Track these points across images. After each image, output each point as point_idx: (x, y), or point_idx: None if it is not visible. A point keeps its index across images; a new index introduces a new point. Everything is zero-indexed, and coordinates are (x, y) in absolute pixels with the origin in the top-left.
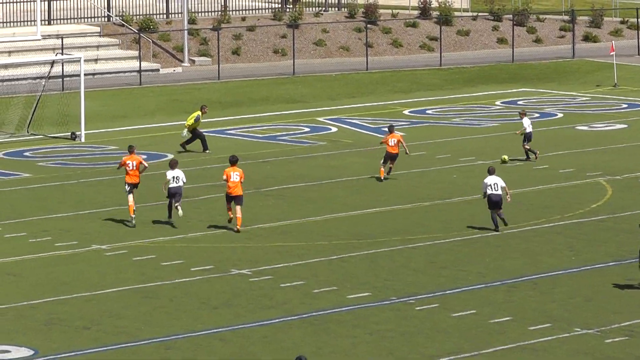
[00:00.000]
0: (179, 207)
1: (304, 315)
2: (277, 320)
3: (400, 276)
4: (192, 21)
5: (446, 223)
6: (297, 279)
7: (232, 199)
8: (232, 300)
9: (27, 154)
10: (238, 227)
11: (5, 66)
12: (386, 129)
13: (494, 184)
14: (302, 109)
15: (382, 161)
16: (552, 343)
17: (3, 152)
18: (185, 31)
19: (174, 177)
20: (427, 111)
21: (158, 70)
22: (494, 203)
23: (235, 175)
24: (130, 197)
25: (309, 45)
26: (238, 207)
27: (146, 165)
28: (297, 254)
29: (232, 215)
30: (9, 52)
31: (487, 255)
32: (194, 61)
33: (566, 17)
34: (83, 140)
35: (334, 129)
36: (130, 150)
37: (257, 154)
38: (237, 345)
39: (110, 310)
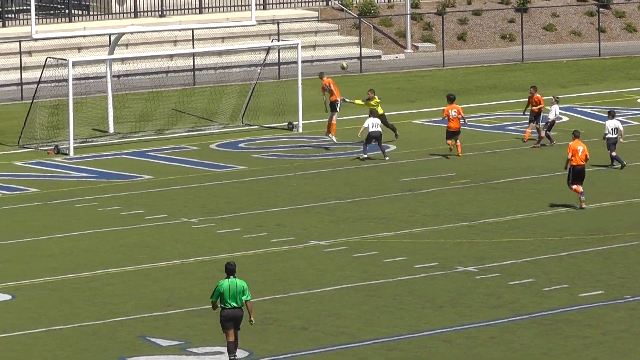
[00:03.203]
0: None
1: (533, 315)
2: (504, 320)
3: (635, 273)
4: (415, 5)
5: None
6: (526, 277)
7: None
8: (457, 299)
9: (241, 145)
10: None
11: (219, 53)
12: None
13: (614, 129)
14: None
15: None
16: None
17: (217, 143)
18: (408, 15)
19: (372, 123)
20: None
21: (379, 57)
22: (610, 144)
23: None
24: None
25: (538, 30)
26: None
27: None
28: (526, 250)
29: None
30: (222, 39)
31: None
32: (417, 47)
33: None
34: (301, 130)
35: (565, 118)
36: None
37: (484, 145)
38: (462, 347)
39: (330, 309)
